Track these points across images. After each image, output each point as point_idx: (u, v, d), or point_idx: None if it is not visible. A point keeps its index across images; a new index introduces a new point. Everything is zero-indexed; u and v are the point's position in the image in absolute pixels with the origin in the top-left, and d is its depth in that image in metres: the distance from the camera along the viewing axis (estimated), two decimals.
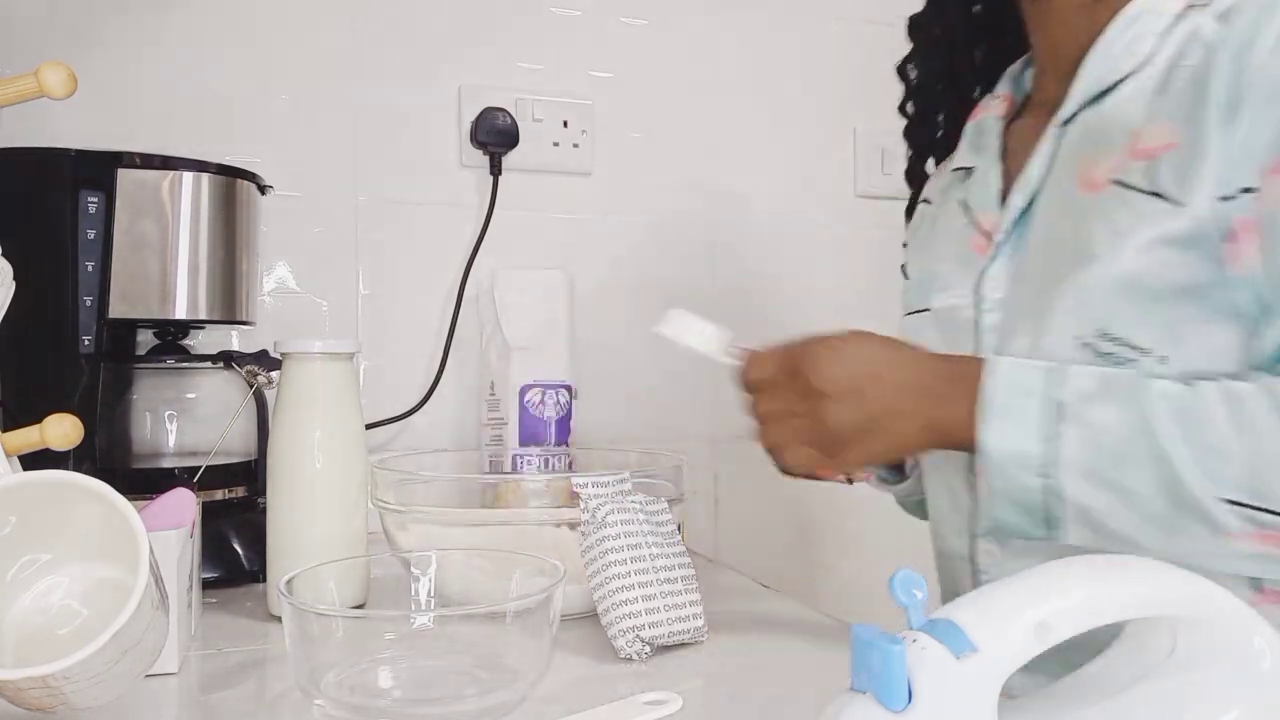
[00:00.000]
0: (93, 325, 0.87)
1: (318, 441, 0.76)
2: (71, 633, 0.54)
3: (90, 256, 0.87)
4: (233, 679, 0.66)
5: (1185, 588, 0.41)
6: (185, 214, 0.92)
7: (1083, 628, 0.38)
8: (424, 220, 1.22)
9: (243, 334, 1.13)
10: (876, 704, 0.37)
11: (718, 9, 1.36)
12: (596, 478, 0.72)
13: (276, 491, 0.77)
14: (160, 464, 0.95)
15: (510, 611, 0.58)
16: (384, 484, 0.81)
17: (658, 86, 1.33)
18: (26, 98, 0.56)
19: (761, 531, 1.34)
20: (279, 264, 1.16)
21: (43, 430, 0.59)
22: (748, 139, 1.37)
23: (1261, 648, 0.42)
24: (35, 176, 0.88)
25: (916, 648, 0.37)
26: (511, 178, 1.23)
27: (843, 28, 1.42)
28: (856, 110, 1.42)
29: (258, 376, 0.92)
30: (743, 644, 0.72)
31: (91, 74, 0.93)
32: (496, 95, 1.23)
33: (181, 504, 0.70)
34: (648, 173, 1.32)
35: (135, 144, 0.97)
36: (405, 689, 0.60)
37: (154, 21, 1.12)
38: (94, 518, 0.53)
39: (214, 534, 0.87)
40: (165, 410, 0.97)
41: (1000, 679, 0.37)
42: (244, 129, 1.15)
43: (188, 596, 0.69)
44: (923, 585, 0.38)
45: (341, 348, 0.78)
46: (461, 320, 1.20)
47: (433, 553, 0.70)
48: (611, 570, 0.68)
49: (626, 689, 0.62)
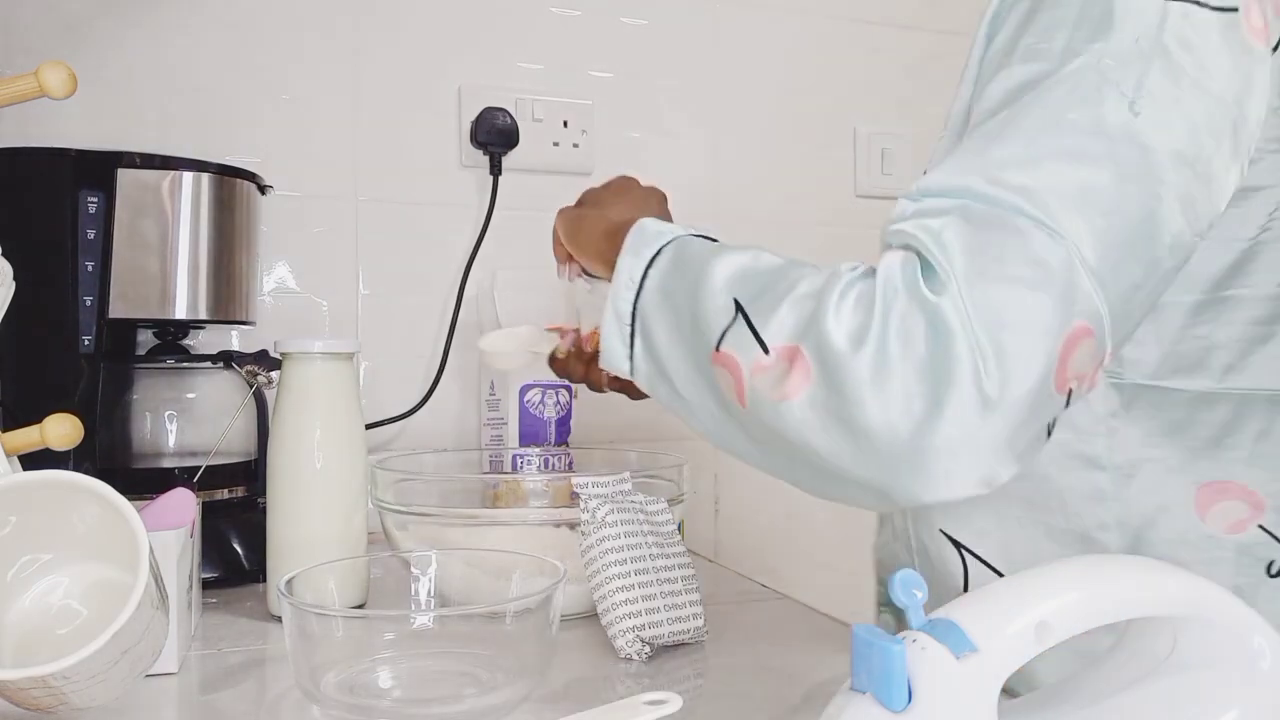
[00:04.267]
0: (93, 325, 0.87)
1: (318, 441, 0.76)
2: (71, 633, 0.54)
3: (90, 256, 0.87)
4: (233, 679, 0.66)
5: (1185, 588, 0.42)
6: (185, 214, 0.92)
7: (1083, 628, 0.38)
8: (424, 220, 1.22)
9: (243, 334, 1.13)
10: (876, 704, 0.37)
11: (717, 9, 1.36)
12: (596, 478, 0.72)
13: (276, 491, 0.77)
14: (160, 464, 0.95)
15: (510, 611, 0.58)
16: (384, 484, 0.81)
17: (658, 86, 1.33)
18: (26, 98, 0.56)
19: (761, 531, 1.34)
20: (279, 264, 1.16)
21: (43, 430, 0.59)
22: (748, 139, 1.37)
23: (1261, 647, 0.42)
24: (35, 176, 0.88)
25: (916, 648, 0.37)
26: (511, 178, 1.23)
27: (842, 28, 1.42)
28: (856, 110, 1.42)
29: (258, 376, 0.92)
30: (743, 644, 0.72)
31: (91, 74, 0.93)
32: (496, 95, 1.23)
33: (181, 504, 0.70)
34: (648, 173, 1.31)
35: (135, 144, 0.97)
36: (405, 689, 0.60)
37: (154, 22, 1.12)
38: (94, 518, 0.53)
39: (214, 534, 0.87)
40: (165, 410, 0.97)
41: (1000, 679, 0.37)
42: (244, 129, 1.15)
43: (188, 596, 0.69)
44: (923, 585, 0.38)
45: (341, 348, 0.78)
46: (461, 320, 1.20)
47: (433, 553, 0.70)
48: (611, 570, 0.68)
49: (626, 689, 0.62)
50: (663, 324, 0.58)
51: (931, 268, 0.47)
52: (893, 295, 0.47)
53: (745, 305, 0.53)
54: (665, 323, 0.58)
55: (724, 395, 0.54)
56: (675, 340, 0.57)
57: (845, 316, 0.47)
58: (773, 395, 0.49)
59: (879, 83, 1.43)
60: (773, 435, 0.51)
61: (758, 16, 1.38)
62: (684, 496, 0.82)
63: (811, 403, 0.48)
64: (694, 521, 1.30)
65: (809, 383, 0.48)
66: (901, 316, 0.46)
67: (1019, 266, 0.46)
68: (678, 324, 0.57)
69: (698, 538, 1.28)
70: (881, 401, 0.46)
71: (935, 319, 0.45)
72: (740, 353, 0.51)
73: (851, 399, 0.46)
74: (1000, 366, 0.45)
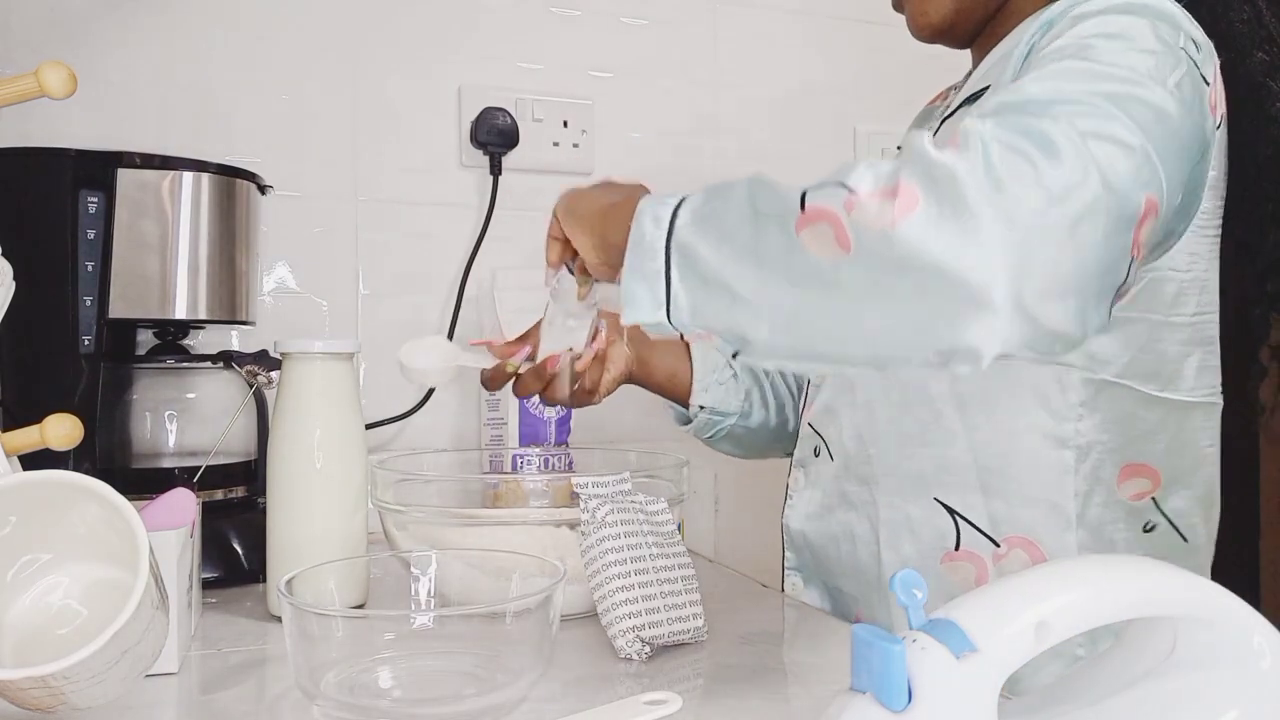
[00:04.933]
0: (93, 325, 0.87)
1: (318, 441, 0.76)
2: (71, 633, 0.54)
3: (90, 256, 0.87)
4: (233, 679, 0.66)
5: (1185, 588, 0.42)
6: (185, 214, 0.92)
7: (1083, 628, 0.38)
8: (424, 220, 1.22)
9: (243, 334, 1.13)
10: (876, 704, 0.37)
11: (717, 8, 1.36)
12: (596, 478, 0.72)
13: (276, 491, 0.77)
14: (160, 464, 0.95)
15: (510, 611, 0.58)
16: (384, 484, 0.81)
17: (658, 86, 1.33)
18: (26, 98, 0.56)
19: (761, 531, 1.34)
20: (279, 264, 1.16)
21: (43, 430, 0.59)
22: (748, 139, 1.37)
23: (1261, 647, 0.42)
24: (35, 176, 0.88)
25: (916, 648, 0.37)
26: (511, 178, 1.23)
27: (842, 27, 1.42)
28: (856, 110, 1.42)
29: (258, 376, 0.92)
30: (743, 644, 0.72)
31: (91, 74, 0.93)
32: (496, 95, 1.23)
33: (181, 504, 0.70)
34: (648, 173, 1.31)
35: (135, 144, 0.97)
36: (405, 689, 0.60)
37: (154, 21, 1.12)
38: (94, 518, 0.53)
39: (214, 534, 0.87)
40: (165, 410, 0.97)
41: (1000, 679, 0.37)
42: (243, 129, 1.15)
43: (188, 596, 0.69)
44: (923, 585, 0.38)
45: (341, 348, 0.78)
46: (461, 320, 1.20)
47: (433, 553, 0.70)
48: (611, 570, 0.68)
49: (626, 689, 0.62)
50: (708, 242, 0.57)
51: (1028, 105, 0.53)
52: (990, 131, 0.51)
53: (815, 185, 0.54)
54: (711, 240, 0.57)
55: (814, 261, 0.53)
56: (729, 249, 0.57)
57: (946, 148, 0.50)
58: (879, 222, 0.50)
59: (879, 83, 1.43)
60: (880, 269, 0.51)
61: (758, 16, 1.38)
62: (684, 496, 0.82)
63: (925, 219, 0.49)
64: (694, 521, 1.30)
65: (918, 204, 0.49)
66: (1008, 141, 0.50)
67: (1113, 129, 0.53)
68: (730, 234, 0.57)
69: (698, 538, 1.28)
70: (999, 210, 0.48)
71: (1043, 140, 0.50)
72: (831, 201, 0.52)
73: (971, 208, 0.48)
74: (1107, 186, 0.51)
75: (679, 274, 0.58)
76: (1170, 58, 0.61)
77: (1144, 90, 0.57)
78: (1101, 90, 0.55)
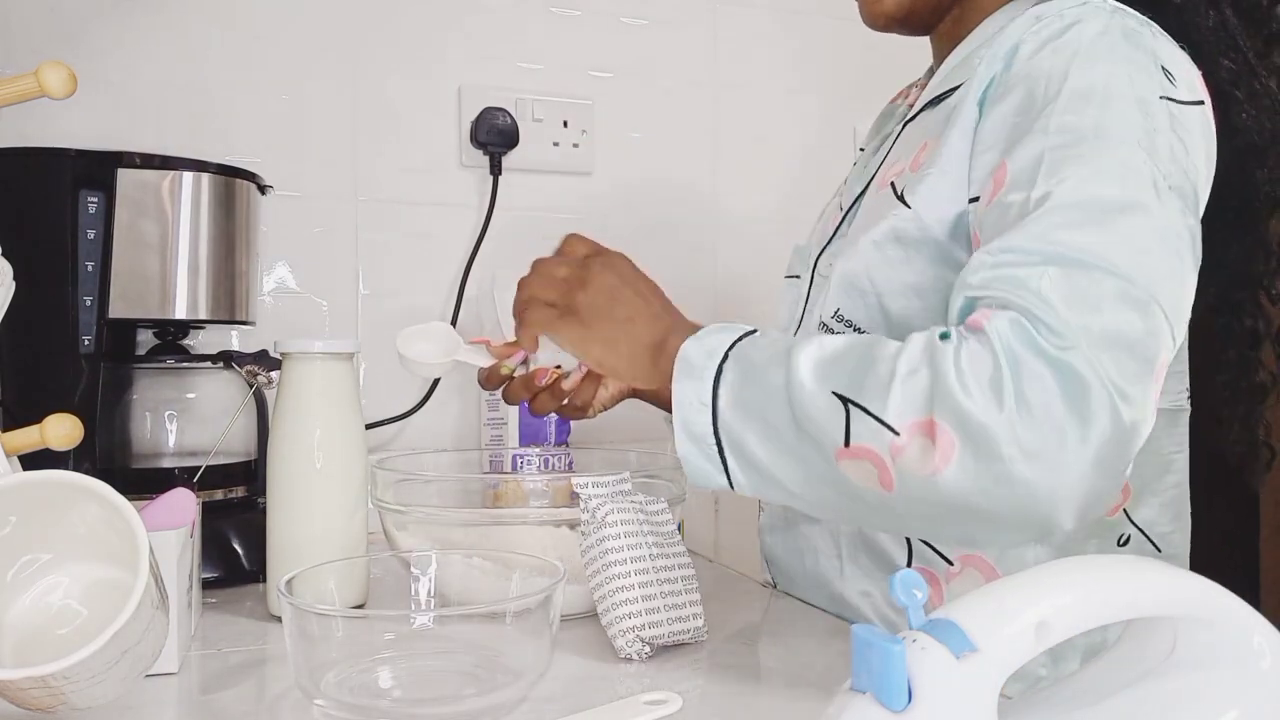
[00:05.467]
0: (93, 325, 0.87)
1: (318, 441, 0.76)
2: (71, 633, 0.54)
3: (90, 256, 0.87)
4: (233, 679, 0.66)
5: (1185, 588, 0.41)
6: (185, 214, 0.92)
7: (1083, 628, 0.38)
8: (424, 220, 1.22)
9: (243, 334, 1.13)
10: (876, 704, 0.37)
11: (717, 9, 1.36)
12: (596, 478, 0.71)
13: (276, 491, 0.77)
14: (160, 464, 0.95)
15: (510, 611, 0.58)
16: (384, 484, 0.81)
17: (658, 86, 1.33)
18: (26, 98, 0.56)
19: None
20: (279, 264, 1.16)
21: (43, 430, 0.59)
22: (748, 139, 1.37)
23: (1261, 647, 0.42)
24: (35, 176, 0.88)
25: (916, 648, 0.37)
26: (511, 178, 1.23)
27: (842, 28, 1.41)
28: (856, 110, 1.42)
29: (258, 376, 0.92)
30: (743, 644, 0.72)
31: (91, 74, 0.93)
32: (496, 95, 1.23)
33: (181, 504, 0.70)
34: (648, 173, 1.32)
35: (135, 144, 0.97)
36: (405, 689, 0.60)
37: (153, 22, 1.12)
38: (94, 518, 0.53)
39: (214, 534, 0.87)
40: (165, 410, 0.97)
41: (1000, 679, 0.37)
42: (243, 128, 1.15)
43: (188, 596, 0.69)
44: (923, 585, 0.38)
45: (341, 348, 0.78)
46: (461, 320, 1.20)
47: (433, 553, 0.70)
48: (611, 570, 0.68)
49: (626, 689, 0.62)
50: (755, 437, 0.60)
51: (1043, 323, 0.52)
52: (1015, 358, 0.52)
53: (851, 397, 0.55)
54: (757, 435, 0.60)
55: (857, 486, 0.56)
56: (777, 450, 0.59)
57: (973, 387, 0.52)
58: (921, 471, 0.53)
59: (879, 83, 1.42)
60: (927, 506, 0.54)
61: (757, 16, 1.38)
62: (684, 496, 0.82)
63: (963, 471, 0.52)
64: (694, 521, 1.30)
65: (955, 452, 0.51)
66: (1032, 377, 0.51)
67: (1117, 311, 0.53)
68: (774, 434, 0.59)
69: (698, 538, 1.28)
70: (1032, 456, 0.50)
71: (1067, 373, 0.51)
72: (874, 442, 0.54)
73: (1005, 459, 0.51)
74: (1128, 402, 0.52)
75: (734, 461, 0.61)
76: (1151, 123, 0.60)
77: (1145, 221, 0.57)
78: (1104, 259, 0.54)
